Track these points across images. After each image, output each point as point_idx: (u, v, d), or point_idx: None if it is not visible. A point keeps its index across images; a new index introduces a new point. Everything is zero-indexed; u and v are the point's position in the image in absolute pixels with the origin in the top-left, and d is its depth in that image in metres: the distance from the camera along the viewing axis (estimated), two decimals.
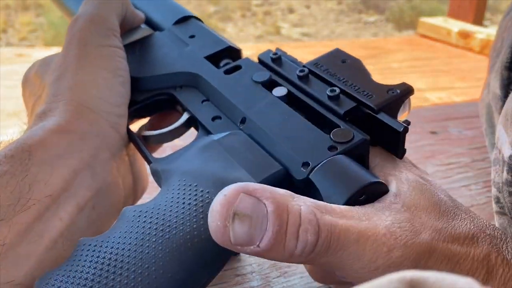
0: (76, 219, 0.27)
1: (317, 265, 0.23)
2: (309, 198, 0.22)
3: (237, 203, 0.20)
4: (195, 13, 0.39)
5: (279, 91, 0.29)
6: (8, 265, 0.24)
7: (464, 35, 1.18)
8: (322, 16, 3.82)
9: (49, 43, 2.76)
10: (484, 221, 0.24)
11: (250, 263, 0.37)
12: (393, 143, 0.26)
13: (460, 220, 0.24)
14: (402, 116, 0.28)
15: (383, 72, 0.91)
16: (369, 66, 0.31)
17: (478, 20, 1.35)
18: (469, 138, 0.60)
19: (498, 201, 0.34)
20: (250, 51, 1.07)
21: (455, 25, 1.24)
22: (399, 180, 0.25)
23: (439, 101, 0.80)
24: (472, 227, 0.23)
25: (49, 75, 0.32)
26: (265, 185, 0.22)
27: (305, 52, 1.09)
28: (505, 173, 0.32)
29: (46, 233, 0.26)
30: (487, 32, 1.18)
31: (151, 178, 0.31)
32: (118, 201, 0.31)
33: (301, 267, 0.37)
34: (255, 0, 3.96)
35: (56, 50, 0.95)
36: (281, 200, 0.21)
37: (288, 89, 0.30)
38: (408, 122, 0.27)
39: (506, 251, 0.23)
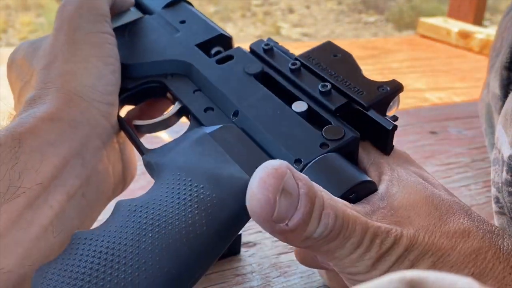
0: (66, 206, 0.27)
1: (318, 252, 0.23)
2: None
3: (286, 179, 0.20)
4: None
5: (299, 106, 0.28)
6: None
7: (464, 35, 1.18)
8: (322, 16, 3.82)
9: None
10: (483, 219, 0.24)
11: (250, 263, 0.37)
12: (382, 140, 0.27)
13: (454, 214, 0.24)
14: (390, 112, 0.28)
15: (383, 72, 0.91)
16: (369, 66, 0.31)
17: (478, 20, 1.35)
18: (469, 138, 0.60)
19: (497, 201, 0.34)
20: None
21: (455, 25, 1.24)
22: (390, 181, 0.25)
23: (439, 101, 0.80)
24: (466, 222, 0.23)
25: (38, 61, 0.31)
26: None
27: None
28: (504, 173, 0.32)
29: (36, 220, 0.25)
30: (487, 32, 1.18)
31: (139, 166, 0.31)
32: (108, 189, 0.31)
33: (301, 267, 0.37)
34: (255, 0, 3.96)
35: None
36: (310, 184, 0.21)
37: (284, 86, 0.30)
38: (395, 118, 0.28)
39: (502, 246, 0.23)
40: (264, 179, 0.20)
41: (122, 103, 0.33)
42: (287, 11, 3.86)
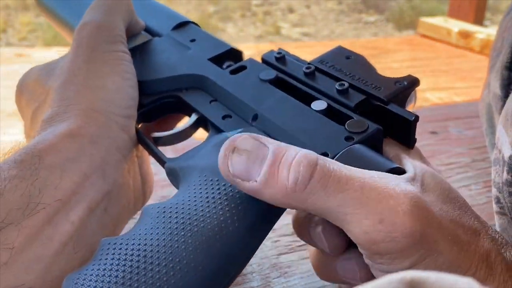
0: (87, 222, 0.27)
1: (315, 211, 0.22)
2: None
3: (239, 141, 0.23)
4: (195, 13, 0.40)
5: (319, 104, 0.28)
6: (18, 269, 0.24)
7: (464, 35, 1.18)
8: (322, 16, 3.82)
9: (49, 43, 2.76)
10: (488, 224, 0.25)
11: (250, 263, 0.37)
12: (405, 132, 0.27)
13: (466, 212, 0.24)
14: (409, 108, 0.28)
15: (383, 72, 0.90)
16: None
17: (478, 20, 1.35)
18: (469, 138, 0.60)
19: (498, 201, 0.34)
20: (250, 51, 1.07)
21: (455, 25, 1.24)
22: (414, 167, 0.25)
23: (439, 101, 0.80)
24: (476, 223, 0.23)
25: (55, 80, 0.32)
26: None
27: (305, 52, 1.09)
28: (505, 173, 0.32)
29: (56, 236, 0.26)
30: (487, 32, 1.18)
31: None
32: (129, 202, 0.31)
33: (301, 268, 0.37)
34: (255, 0, 3.96)
35: (56, 50, 0.95)
36: (283, 145, 0.23)
37: (300, 88, 0.30)
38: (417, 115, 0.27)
39: (505, 254, 0.23)
40: (224, 144, 0.24)
41: (139, 119, 0.34)
42: (287, 11, 3.86)
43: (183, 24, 0.38)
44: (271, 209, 0.24)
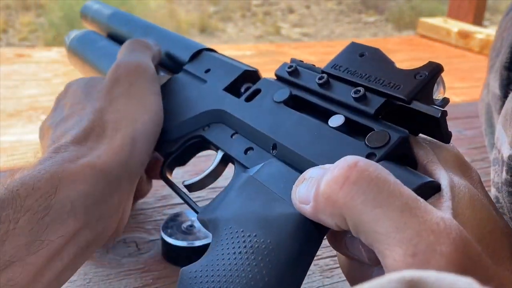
0: (73, 260, 0.27)
1: (349, 221, 0.21)
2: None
3: (307, 171, 0.24)
4: (195, 13, 0.40)
5: (335, 120, 0.27)
6: None
7: (464, 35, 1.18)
8: (322, 16, 3.82)
9: (50, 43, 2.76)
10: None
11: None
12: (435, 130, 0.25)
13: (501, 253, 0.21)
14: (438, 96, 0.26)
15: None
16: None
17: (478, 20, 1.35)
18: (469, 138, 0.60)
19: (497, 201, 0.34)
20: (250, 51, 1.07)
21: (455, 25, 1.24)
22: (452, 188, 0.22)
23: None
24: (508, 272, 0.21)
25: (93, 100, 0.33)
26: None
27: (305, 52, 1.09)
28: (504, 173, 0.32)
29: (47, 273, 0.25)
30: (486, 32, 1.18)
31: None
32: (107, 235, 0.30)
33: None
34: (255, 0, 3.95)
35: (56, 50, 0.95)
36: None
37: (316, 103, 0.28)
38: (446, 100, 0.25)
39: None
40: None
41: (170, 166, 0.34)
42: (287, 11, 3.86)
43: (197, 54, 0.38)
44: (302, 252, 0.23)
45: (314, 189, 0.21)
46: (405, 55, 1.13)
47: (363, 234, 0.20)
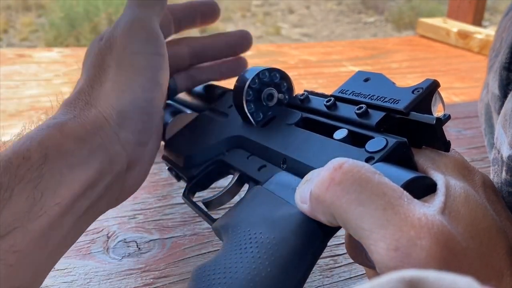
0: (73, 227, 0.28)
1: (338, 220, 0.22)
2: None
3: (308, 173, 0.25)
4: None
5: (339, 133, 0.29)
6: (22, 271, 0.24)
7: (463, 35, 1.18)
8: (322, 17, 3.82)
9: (50, 44, 2.76)
10: None
11: None
12: (433, 137, 0.26)
13: (495, 247, 0.22)
14: (436, 111, 0.28)
15: (383, 73, 0.90)
16: (369, 67, 0.31)
17: (477, 20, 1.35)
18: (468, 138, 0.61)
19: None
20: (251, 51, 1.07)
21: (454, 26, 1.24)
22: (447, 188, 0.23)
23: None
24: (503, 262, 0.21)
25: (88, 69, 0.33)
26: None
27: (305, 53, 1.08)
28: (504, 173, 0.32)
29: (50, 240, 0.26)
30: (486, 32, 1.18)
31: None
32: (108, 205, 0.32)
33: None
34: (255, 0, 3.96)
35: (57, 50, 0.95)
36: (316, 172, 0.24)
37: (323, 121, 0.31)
38: (447, 116, 0.26)
39: None
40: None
41: (192, 190, 0.37)
42: (287, 12, 3.86)
43: (222, 94, 0.41)
44: (304, 247, 0.24)
45: (309, 189, 0.23)
46: (405, 55, 1.13)
47: (352, 230, 0.21)
